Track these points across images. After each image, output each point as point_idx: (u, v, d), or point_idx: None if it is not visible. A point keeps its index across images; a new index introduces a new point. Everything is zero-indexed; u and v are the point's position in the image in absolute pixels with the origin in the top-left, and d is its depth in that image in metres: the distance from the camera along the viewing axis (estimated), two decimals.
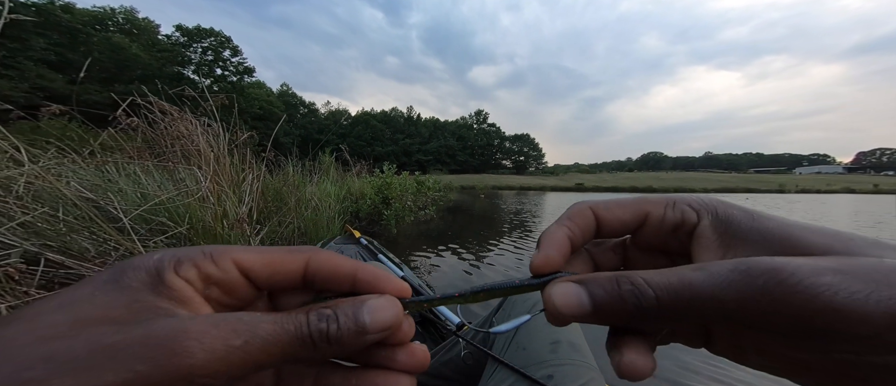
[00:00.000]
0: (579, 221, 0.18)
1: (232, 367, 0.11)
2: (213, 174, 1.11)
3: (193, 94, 1.33)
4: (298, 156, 3.10)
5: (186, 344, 0.10)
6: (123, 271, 0.12)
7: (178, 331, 0.10)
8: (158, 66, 29.57)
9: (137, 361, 0.10)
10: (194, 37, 36.61)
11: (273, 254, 0.15)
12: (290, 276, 0.15)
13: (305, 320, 0.12)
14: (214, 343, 0.10)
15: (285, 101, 55.37)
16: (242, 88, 37.39)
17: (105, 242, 0.97)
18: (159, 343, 0.10)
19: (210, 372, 0.10)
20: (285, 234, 1.96)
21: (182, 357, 0.10)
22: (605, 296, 0.13)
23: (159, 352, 0.10)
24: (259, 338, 0.11)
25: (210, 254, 0.14)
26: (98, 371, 0.09)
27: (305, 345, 0.12)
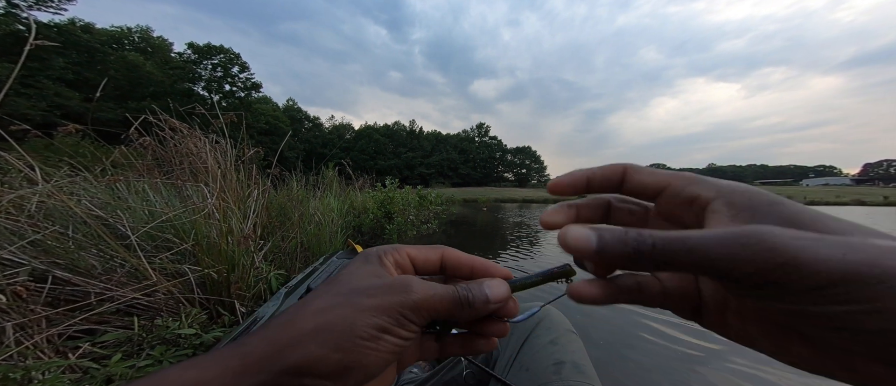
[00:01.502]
0: (607, 170, 0.21)
1: (430, 307, 0.19)
2: (220, 191, 1.13)
3: (203, 111, 1.38)
4: (302, 170, 3.14)
5: (413, 286, 0.19)
6: (365, 255, 0.22)
7: (408, 280, 0.19)
8: (170, 82, 30.73)
9: (394, 292, 0.18)
10: (205, 54, 38.25)
11: (425, 251, 0.23)
12: (433, 264, 0.23)
13: (457, 289, 0.20)
14: (425, 289, 0.19)
15: (291, 115, 56.81)
16: (249, 104, 38.54)
17: (112, 259, 0.97)
18: (401, 283, 0.19)
19: (423, 305, 0.19)
20: (288, 249, 1.96)
21: (411, 293, 0.18)
22: (610, 238, 0.16)
23: (401, 289, 0.19)
24: (440, 292, 0.19)
25: (397, 249, 0.22)
26: (378, 296, 0.18)
27: (457, 304, 0.19)
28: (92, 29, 26.67)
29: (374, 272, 0.20)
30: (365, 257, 0.21)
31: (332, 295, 0.18)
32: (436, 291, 0.19)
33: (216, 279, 1.16)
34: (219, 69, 38.97)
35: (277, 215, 2.21)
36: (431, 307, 0.19)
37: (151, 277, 0.87)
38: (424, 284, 0.19)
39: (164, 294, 0.99)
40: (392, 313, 0.18)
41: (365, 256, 0.22)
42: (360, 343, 0.17)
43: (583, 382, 0.46)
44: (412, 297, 0.18)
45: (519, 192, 48.26)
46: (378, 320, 0.17)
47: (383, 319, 0.17)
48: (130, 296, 0.81)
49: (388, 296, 0.18)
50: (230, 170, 1.36)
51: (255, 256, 1.29)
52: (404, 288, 0.19)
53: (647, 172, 0.20)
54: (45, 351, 0.71)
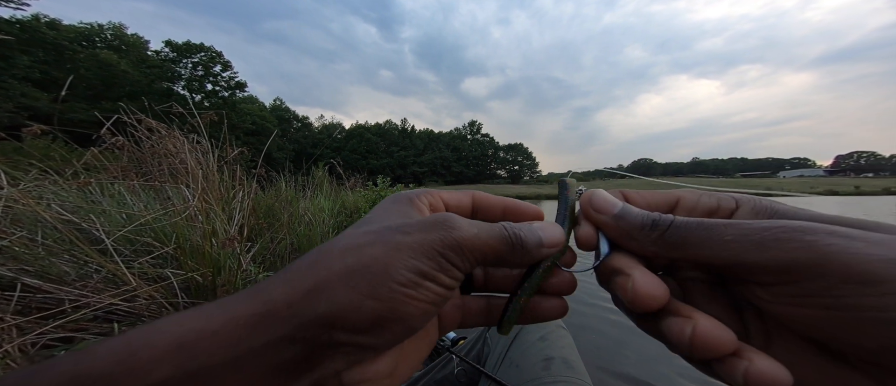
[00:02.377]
0: (605, 206, 0.20)
1: (475, 247, 0.16)
2: (202, 192, 1.09)
3: (181, 110, 1.33)
4: (292, 171, 3.07)
5: (456, 223, 0.16)
6: (396, 198, 0.20)
7: (448, 216, 0.17)
8: (147, 82, 29.39)
9: (434, 229, 0.16)
10: (184, 52, 36.73)
11: (456, 195, 0.21)
12: (465, 207, 0.21)
13: (504, 227, 0.17)
14: (469, 227, 0.16)
15: (278, 115, 55.39)
16: (234, 103, 37.30)
17: (86, 265, 0.93)
18: (441, 220, 0.16)
19: (467, 245, 0.16)
20: (278, 250, 1.92)
21: (453, 230, 0.16)
22: (634, 209, 0.16)
23: (442, 225, 0.16)
24: (486, 230, 0.17)
25: (428, 191, 0.21)
26: (415, 233, 0.16)
27: (508, 244, 0.17)
28: (58, 25, 25.15)
29: (406, 212, 0.18)
30: (394, 198, 0.19)
31: (361, 233, 0.16)
32: (481, 228, 0.16)
33: (201, 283, 1.13)
34: (199, 68, 37.52)
35: (265, 217, 2.16)
36: (477, 248, 0.16)
37: (130, 282, 0.84)
38: (467, 222, 0.16)
39: (145, 299, 0.96)
40: (432, 254, 0.15)
41: (394, 197, 0.19)
42: (397, 289, 0.14)
43: (572, 378, 0.46)
44: (455, 234, 0.15)
45: (512, 188, 48.70)
46: (417, 263, 0.14)
47: (423, 261, 0.15)
48: (108, 302, 0.78)
49: (427, 233, 0.15)
50: (212, 170, 1.32)
51: (242, 259, 1.26)
52: (445, 224, 0.16)
53: (650, 193, 0.20)
54: (18, 360, 0.68)
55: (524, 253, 0.17)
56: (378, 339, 0.14)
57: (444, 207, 0.20)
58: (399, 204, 0.19)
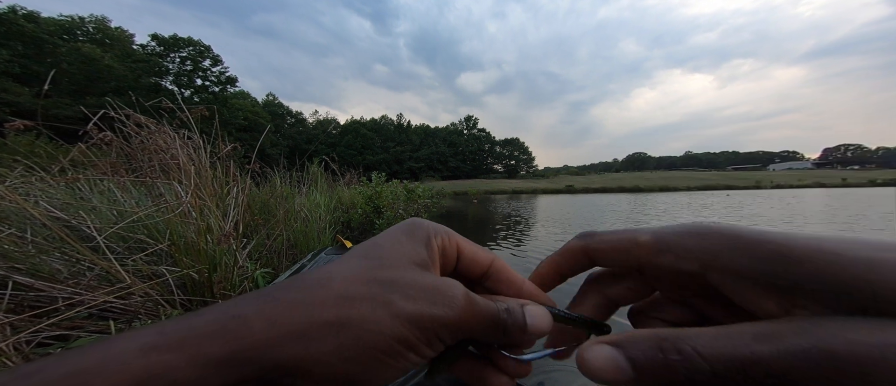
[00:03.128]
0: (567, 257, 0.19)
1: (467, 328, 0.15)
2: (195, 188, 1.08)
3: (171, 105, 1.30)
4: (286, 167, 3.04)
5: (458, 300, 0.15)
6: (415, 228, 0.18)
7: (455, 289, 0.16)
8: (134, 77, 28.48)
9: (437, 303, 0.15)
10: (171, 46, 35.62)
11: (476, 251, 0.20)
12: (478, 269, 0.19)
13: (498, 310, 0.17)
14: (469, 307, 0.16)
15: (271, 111, 54.41)
16: (225, 99, 36.47)
17: (78, 262, 0.92)
18: (447, 293, 0.15)
19: (461, 326, 0.15)
20: (274, 247, 1.91)
21: (453, 308, 0.15)
22: (646, 361, 0.12)
23: (446, 300, 0.15)
24: (482, 311, 0.16)
25: (448, 234, 0.19)
26: (418, 302, 0.14)
27: (493, 327, 0.16)
28: (37, 18, 24.11)
29: (418, 257, 0.16)
30: (412, 230, 0.18)
31: (364, 280, 0.14)
32: (479, 309, 0.16)
33: (197, 280, 1.12)
34: (188, 62, 36.47)
35: (261, 213, 2.14)
36: (468, 328, 0.15)
37: (125, 280, 0.83)
38: (470, 299, 0.16)
39: (141, 297, 0.95)
40: (426, 330, 0.14)
41: (414, 227, 0.18)
42: (379, 357, 0.13)
43: (569, 365, 0.47)
44: (453, 314, 0.15)
45: (509, 183, 48.77)
46: (408, 334, 0.14)
47: (414, 333, 0.14)
48: (101, 300, 0.77)
49: (429, 306, 0.14)
50: (205, 166, 1.30)
51: (238, 255, 1.25)
52: (450, 300, 0.15)
53: (612, 243, 0.17)
54: (13, 359, 0.67)
55: (505, 337, 0.16)
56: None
57: (457, 257, 0.19)
58: (414, 241, 0.17)
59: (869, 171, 68.19)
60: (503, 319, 0.16)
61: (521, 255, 3.55)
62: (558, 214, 8.49)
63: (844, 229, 4.84)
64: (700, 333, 0.12)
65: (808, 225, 5.49)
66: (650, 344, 0.13)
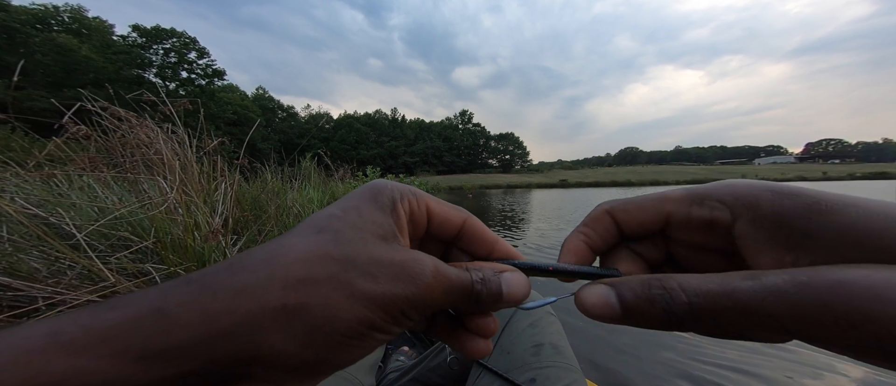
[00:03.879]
0: (596, 227, 0.18)
1: (436, 302, 0.14)
2: (180, 184, 1.04)
3: (153, 98, 1.24)
4: (278, 162, 2.98)
5: (426, 274, 0.14)
6: (378, 193, 0.16)
7: (421, 263, 0.14)
8: (114, 69, 27.26)
9: (402, 281, 0.13)
10: (154, 38, 34.17)
11: (447, 210, 0.18)
12: (450, 228, 0.18)
13: (470, 278, 0.15)
14: (438, 280, 0.14)
15: (262, 105, 53.04)
16: (213, 92, 35.32)
17: (58, 261, 0.88)
18: (413, 268, 0.14)
19: (429, 302, 0.14)
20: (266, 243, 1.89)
21: (420, 284, 0.14)
22: (633, 299, 0.13)
23: (412, 276, 0.14)
24: (453, 281, 0.15)
25: (416, 196, 0.17)
26: (381, 282, 0.13)
27: (467, 297, 0.15)
28: (7, 6, 22.69)
29: (381, 228, 0.15)
30: (375, 195, 0.16)
31: (317, 258, 0.13)
32: (449, 282, 0.15)
33: None
34: (173, 55, 35.06)
35: (251, 209, 2.10)
36: (438, 302, 0.14)
37: (108, 278, 0.81)
38: (438, 272, 0.14)
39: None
40: (391, 310, 0.13)
41: (376, 191, 0.16)
42: (338, 339, 0.12)
43: (560, 363, 0.47)
44: (419, 291, 0.14)
45: (503, 177, 49.04)
46: (372, 315, 0.13)
47: (379, 314, 0.13)
48: (84, 299, 0.75)
49: (392, 284, 0.13)
50: (191, 161, 1.26)
51: (228, 252, 1.23)
52: (415, 276, 0.14)
53: (638, 209, 0.17)
54: None
55: (479, 306, 0.16)
56: (303, 378, 0.12)
57: (427, 220, 0.17)
58: (376, 208, 0.15)
59: (848, 166, 70.87)
60: (477, 291, 0.15)
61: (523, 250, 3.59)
62: (552, 208, 8.60)
63: None
64: (691, 275, 0.13)
65: None
66: (640, 282, 0.14)
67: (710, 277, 0.12)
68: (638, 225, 0.17)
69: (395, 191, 0.16)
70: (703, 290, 0.12)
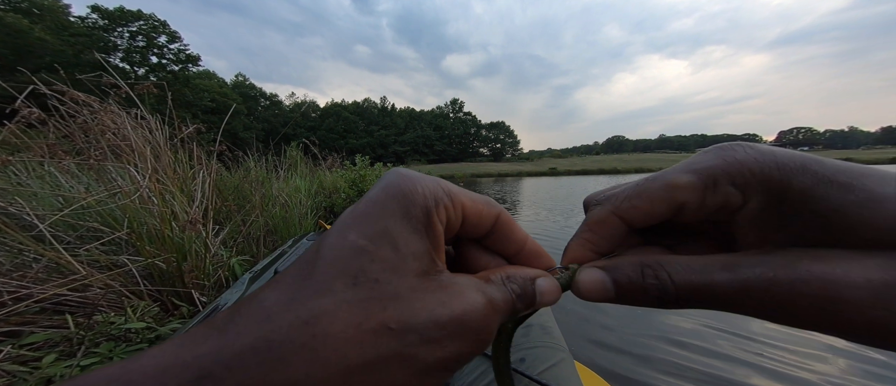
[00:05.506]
0: (603, 231, 0.17)
1: (478, 343, 0.13)
2: (153, 172, 0.99)
3: (112, 81, 1.15)
4: (261, 150, 2.87)
5: (491, 328, 0.13)
6: (409, 204, 0.13)
7: (487, 318, 0.13)
8: (73, 52, 24.95)
9: (467, 340, 0.12)
10: (117, 20, 31.34)
11: (480, 205, 0.16)
12: (484, 225, 0.16)
13: (512, 297, 0.15)
14: (493, 315, 0.13)
15: (242, 92, 50.31)
16: (187, 78, 33.12)
17: (21, 253, 0.83)
18: (477, 326, 0.13)
19: (473, 348, 0.13)
20: (252, 233, 1.84)
21: (485, 340, 0.13)
22: (628, 283, 0.14)
23: (476, 333, 0.13)
24: (500, 306, 0.14)
25: (451, 196, 0.15)
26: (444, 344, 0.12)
27: (512, 308, 0.15)
28: None
29: (421, 259, 0.13)
30: (406, 206, 0.13)
31: (371, 331, 0.11)
32: (498, 307, 0.14)
33: (165, 269, 1.06)
34: (140, 38, 32.33)
35: (234, 198, 2.03)
36: (489, 329, 0.13)
37: (79, 271, 0.77)
38: (490, 304, 0.13)
39: (101, 288, 0.89)
40: (457, 367, 0.12)
41: (408, 201, 0.13)
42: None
43: (549, 342, 0.47)
44: (482, 339, 0.13)
45: (494, 166, 49.25)
46: (438, 375, 0.12)
47: (445, 372, 0.12)
48: (52, 292, 0.71)
49: (457, 344, 0.12)
50: (164, 149, 1.19)
51: (210, 242, 1.19)
52: (475, 324, 0.12)
53: (645, 200, 0.15)
54: None
55: (514, 312, 0.15)
56: None
57: (461, 220, 0.15)
58: (410, 229, 0.13)
59: (817, 152, 75.16)
60: (518, 308, 0.15)
61: None
62: (544, 196, 8.74)
63: None
64: (676, 260, 0.14)
65: None
66: (633, 268, 0.14)
67: (692, 267, 0.13)
68: (645, 216, 0.16)
69: (428, 197, 0.14)
70: (686, 282, 0.13)
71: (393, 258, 0.12)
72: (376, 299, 0.11)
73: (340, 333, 0.10)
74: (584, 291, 0.15)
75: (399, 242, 0.12)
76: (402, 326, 0.11)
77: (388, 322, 0.11)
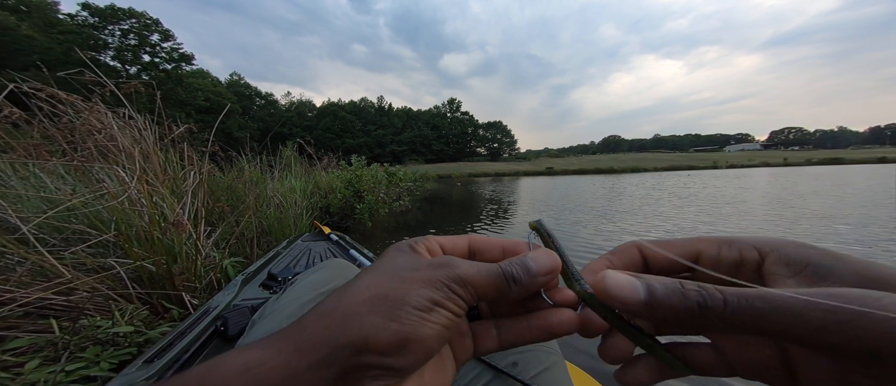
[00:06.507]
0: (622, 256, 0.19)
1: (475, 282, 0.18)
2: (141, 173, 0.97)
3: (97, 79, 1.12)
4: (257, 151, 2.84)
5: (457, 262, 0.18)
6: (399, 247, 0.20)
7: (449, 258, 0.18)
8: (62, 50, 24.39)
9: (439, 267, 0.18)
10: (108, 18, 30.72)
11: (453, 239, 0.22)
12: (461, 250, 0.22)
13: (500, 265, 0.18)
14: (469, 266, 0.18)
15: (237, 92, 49.69)
16: (180, 77, 32.62)
17: (4, 257, 0.81)
18: (443, 260, 0.18)
19: (468, 280, 0.17)
20: (245, 234, 1.82)
21: (456, 268, 0.18)
22: (663, 291, 0.14)
23: (445, 264, 0.18)
24: (483, 269, 0.18)
25: (426, 238, 0.21)
26: (423, 270, 0.17)
27: (503, 281, 0.18)
28: None
29: (410, 257, 0.19)
30: (397, 248, 0.20)
31: (376, 274, 0.17)
32: (479, 268, 0.18)
33: (155, 272, 1.04)
34: (132, 36, 31.73)
35: (227, 199, 2.00)
36: (478, 283, 0.18)
37: (64, 274, 0.75)
38: (467, 262, 0.18)
39: (87, 292, 0.87)
40: (440, 286, 0.17)
41: (396, 247, 0.20)
42: (414, 313, 0.16)
43: (541, 346, 0.47)
44: (457, 270, 0.17)
45: (492, 166, 49.31)
46: (428, 292, 0.16)
47: (433, 291, 0.16)
48: (36, 296, 0.69)
49: (433, 270, 0.17)
50: (154, 149, 1.16)
51: (201, 244, 1.17)
52: (449, 263, 0.18)
53: (667, 245, 0.18)
54: None
55: (520, 286, 0.18)
56: (401, 360, 0.15)
57: (441, 249, 0.21)
58: (402, 252, 0.20)
59: (807, 152, 76.60)
60: (508, 271, 0.18)
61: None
62: (541, 195, 8.78)
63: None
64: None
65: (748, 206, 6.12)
66: (672, 281, 0.15)
67: (742, 289, 0.13)
68: (665, 261, 0.18)
69: (410, 241, 0.20)
70: (738, 292, 0.13)
71: (389, 261, 0.19)
72: (377, 270, 0.18)
73: (358, 280, 0.18)
74: (612, 287, 0.15)
75: (394, 257, 0.19)
76: (391, 268, 0.18)
77: (384, 270, 0.18)
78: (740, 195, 6.75)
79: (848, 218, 3.88)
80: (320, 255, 1.41)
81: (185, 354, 0.61)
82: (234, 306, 0.80)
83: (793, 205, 5.03)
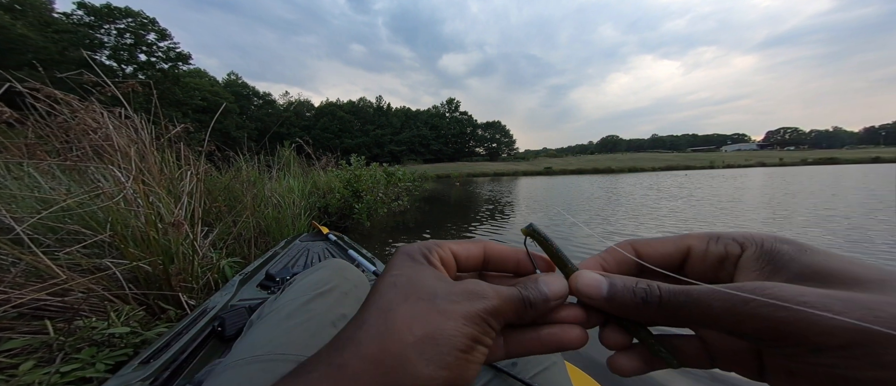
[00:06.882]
0: (615, 254, 0.20)
1: (503, 312, 0.17)
2: (137, 172, 0.96)
3: (94, 79, 1.11)
4: (254, 150, 2.82)
5: (487, 292, 0.17)
6: (410, 253, 0.19)
7: (479, 285, 0.18)
8: (58, 49, 24.13)
9: (475, 298, 0.17)
10: (104, 17, 30.46)
11: (466, 246, 0.21)
12: (475, 260, 0.21)
13: (520, 291, 0.18)
14: (498, 294, 0.18)
15: (234, 91, 49.40)
16: (177, 77, 32.39)
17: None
18: (476, 290, 0.17)
19: (501, 312, 0.17)
20: (243, 235, 1.81)
21: (490, 300, 0.17)
22: (621, 287, 0.17)
23: (479, 295, 0.17)
24: (507, 295, 0.18)
25: (439, 245, 0.20)
26: (462, 303, 0.17)
27: (522, 307, 0.18)
28: None
29: (433, 274, 0.18)
30: (410, 256, 0.19)
31: (412, 299, 0.16)
32: (503, 296, 0.18)
33: (151, 272, 1.03)
34: (128, 35, 31.48)
35: (225, 199, 1.99)
36: (505, 312, 0.18)
37: (58, 275, 0.74)
38: (494, 289, 0.18)
39: (83, 292, 0.86)
40: (479, 322, 0.16)
41: (408, 254, 0.19)
42: (461, 356, 0.15)
43: None
44: (492, 303, 0.17)
45: (490, 166, 49.35)
46: (469, 329, 0.16)
47: (473, 327, 0.16)
48: (30, 297, 0.68)
49: (470, 303, 0.17)
50: (150, 149, 1.16)
51: (198, 244, 1.16)
52: (481, 294, 0.17)
53: (659, 241, 0.19)
54: None
55: (535, 311, 0.19)
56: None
57: (454, 259, 0.20)
58: (418, 263, 0.19)
59: (802, 152, 77.24)
60: (526, 296, 0.18)
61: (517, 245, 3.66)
62: (541, 195, 8.79)
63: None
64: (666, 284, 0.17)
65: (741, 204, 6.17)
66: (629, 278, 0.17)
67: (679, 285, 0.16)
68: (658, 255, 0.19)
69: (422, 248, 0.20)
70: (671, 289, 0.15)
71: (411, 274, 0.18)
72: (410, 288, 0.17)
73: (396, 306, 0.16)
74: (581, 286, 0.18)
75: (411, 271, 0.18)
76: (429, 294, 0.17)
77: (419, 294, 0.17)
78: (737, 195, 6.80)
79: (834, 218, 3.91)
80: (318, 255, 1.40)
81: (182, 355, 0.60)
82: (232, 307, 0.79)
83: (786, 208, 5.08)
